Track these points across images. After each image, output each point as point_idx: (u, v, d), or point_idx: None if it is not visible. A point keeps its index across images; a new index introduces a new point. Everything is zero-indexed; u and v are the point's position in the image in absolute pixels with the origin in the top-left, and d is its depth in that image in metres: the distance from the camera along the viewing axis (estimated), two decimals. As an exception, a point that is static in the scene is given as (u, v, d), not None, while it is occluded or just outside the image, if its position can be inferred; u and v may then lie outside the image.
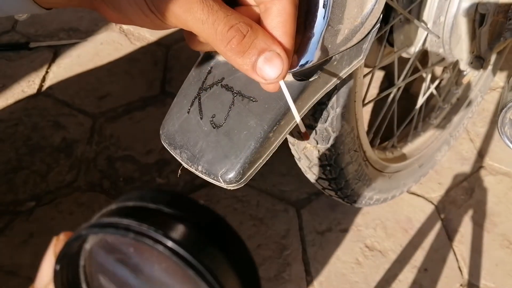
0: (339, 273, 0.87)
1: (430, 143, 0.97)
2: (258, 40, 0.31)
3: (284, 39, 0.32)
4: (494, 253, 0.91)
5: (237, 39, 0.30)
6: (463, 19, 0.75)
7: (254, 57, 0.31)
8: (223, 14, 0.30)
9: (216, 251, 0.15)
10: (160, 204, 0.17)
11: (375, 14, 0.43)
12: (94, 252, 0.19)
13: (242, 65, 0.31)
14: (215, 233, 0.16)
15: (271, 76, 0.31)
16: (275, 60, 0.31)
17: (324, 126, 0.61)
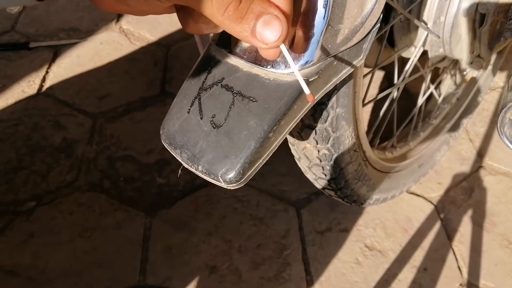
0: (339, 272, 0.87)
1: (430, 143, 0.98)
2: (254, 5, 0.30)
3: (281, 2, 0.32)
4: (493, 253, 0.91)
5: (233, 5, 0.30)
6: (463, 19, 0.75)
7: (252, 22, 0.30)
8: None
9: None
10: None
11: (375, 14, 0.43)
12: None
13: (241, 31, 0.31)
14: None
15: (271, 39, 0.31)
16: (274, 22, 0.30)
17: (324, 126, 0.61)
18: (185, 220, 0.95)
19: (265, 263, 0.88)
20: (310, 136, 0.64)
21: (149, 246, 0.90)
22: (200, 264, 0.87)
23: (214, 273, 0.86)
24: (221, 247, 0.90)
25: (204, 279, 0.85)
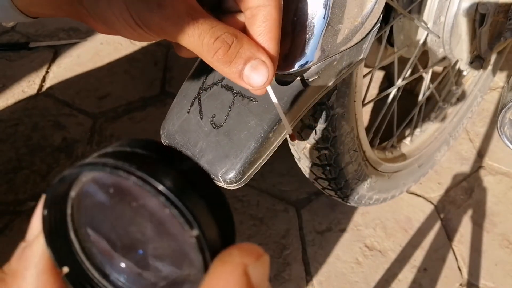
0: (339, 272, 0.87)
1: (429, 143, 0.98)
2: (243, 49, 0.32)
3: (269, 45, 0.33)
4: (493, 252, 0.91)
5: (223, 49, 0.31)
6: (463, 19, 0.75)
7: (240, 66, 0.32)
8: (208, 26, 0.31)
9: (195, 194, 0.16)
10: (136, 148, 0.17)
11: (375, 14, 0.43)
12: (80, 198, 0.19)
13: (229, 73, 0.32)
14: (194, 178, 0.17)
15: (258, 83, 0.32)
16: (261, 67, 0.32)
17: (324, 126, 0.61)
18: (185, 220, 0.95)
19: (265, 263, 0.88)
20: (310, 136, 0.64)
21: (149, 246, 0.90)
22: (200, 264, 0.87)
23: (214, 273, 0.86)
24: (221, 247, 0.90)
25: (204, 279, 0.85)
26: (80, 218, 0.20)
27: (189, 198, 0.16)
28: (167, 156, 0.17)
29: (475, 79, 1.02)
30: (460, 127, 1.05)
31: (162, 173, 0.16)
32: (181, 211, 0.16)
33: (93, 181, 0.18)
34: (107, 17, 0.31)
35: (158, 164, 0.17)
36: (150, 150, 0.17)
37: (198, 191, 0.17)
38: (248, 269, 0.15)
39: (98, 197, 0.19)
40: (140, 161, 0.16)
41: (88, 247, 0.20)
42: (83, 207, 0.19)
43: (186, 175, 0.17)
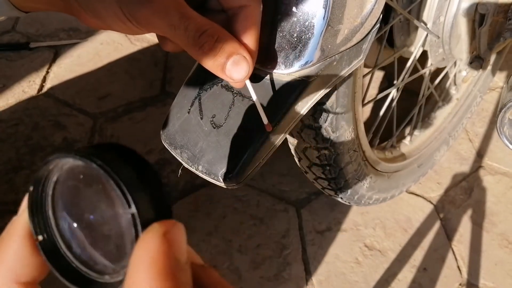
0: (338, 272, 0.87)
1: (429, 143, 0.98)
2: (226, 45, 0.34)
3: (249, 41, 0.36)
4: (493, 252, 0.91)
5: (208, 44, 0.33)
6: (462, 19, 0.75)
7: (223, 60, 0.34)
8: (195, 22, 0.33)
9: (139, 183, 0.21)
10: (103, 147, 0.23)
11: (375, 14, 0.43)
12: (59, 182, 0.24)
13: (213, 66, 0.35)
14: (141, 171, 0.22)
15: (238, 77, 0.35)
16: (242, 62, 0.35)
17: (324, 126, 0.61)
18: (185, 220, 0.95)
19: (265, 262, 0.88)
20: (310, 136, 0.64)
21: (149, 245, 0.90)
22: (200, 264, 0.88)
23: (214, 272, 0.86)
24: (221, 246, 0.90)
25: (204, 279, 0.86)
26: (57, 198, 0.25)
27: (132, 185, 0.21)
28: (124, 153, 0.23)
29: (474, 79, 1.02)
30: (459, 127, 1.05)
31: (116, 164, 0.21)
32: (123, 193, 0.21)
33: (69, 169, 0.24)
34: (98, 11, 0.32)
35: (115, 158, 0.22)
36: (112, 149, 0.23)
37: (142, 181, 0.22)
38: (167, 231, 0.20)
39: (72, 182, 0.24)
40: (103, 155, 0.22)
41: (60, 223, 0.25)
42: (60, 190, 0.24)
43: (135, 167, 0.22)
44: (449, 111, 1.02)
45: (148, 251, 0.20)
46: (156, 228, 0.20)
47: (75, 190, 0.24)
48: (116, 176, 0.21)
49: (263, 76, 0.42)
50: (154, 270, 0.19)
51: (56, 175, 0.24)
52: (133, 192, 0.21)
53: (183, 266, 0.20)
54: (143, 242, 0.20)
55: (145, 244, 0.20)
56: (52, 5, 0.34)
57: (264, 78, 0.42)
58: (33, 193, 0.24)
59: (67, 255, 0.25)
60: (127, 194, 0.21)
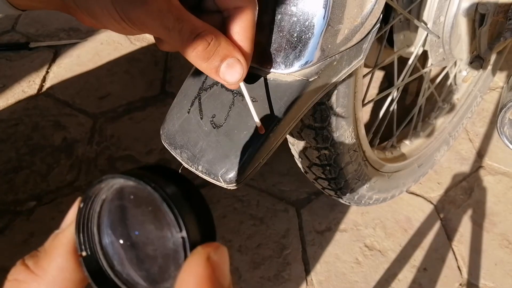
0: (339, 272, 0.87)
1: (429, 143, 0.98)
2: (221, 48, 0.34)
3: (244, 43, 0.36)
4: (493, 252, 0.91)
5: (202, 46, 0.33)
6: (463, 19, 0.75)
7: (217, 62, 0.34)
8: (189, 24, 0.33)
9: (187, 206, 0.22)
10: (151, 170, 0.24)
11: (375, 14, 0.43)
12: (108, 201, 0.25)
13: (206, 69, 0.35)
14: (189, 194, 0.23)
15: (232, 80, 0.35)
16: (236, 65, 0.35)
17: (324, 126, 0.61)
18: (185, 220, 0.95)
19: (265, 262, 0.88)
20: (310, 136, 0.64)
21: (149, 246, 0.90)
22: (200, 264, 0.87)
23: (214, 272, 0.86)
24: (221, 247, 0.90)
25: (204, 279, 0.85)
26: (103, 216, 0.25)
27: (182, 208, 0.22)
28: (171, 175, 0.24)
29: (474, 79, 1.02)
30: (460, 127, 1.05)
31: (168, 188, 0.22)
32: (175, 216, 0.21)
33: (119, 188, 0.24)
34: (94, 11, 0.32)
35: (164, 180, 0.23)
36: (161, 172, 0.24)
37: (190, 204, 0.22)
38: (210, 255, 0.21)
39: (121, 202, 0.25)
40: (153, 177, 0.22)
41: (104, 241, 0.25)
42: (107, 208, 0.25)
43: (183, 190, 0.23)
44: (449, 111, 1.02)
45: (194, 276, 0.20)
46: (200, 252, 0.21)
47: (122, 210, 0.25)
48: (169, 200, 0.21)
49: (263, 76, 0.41)
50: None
51: (104, 194, 0.25)
52: (183, 215, 0.21)
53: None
54: (189, 266, 0.20)
55: (190, 268, 0.20)
56: (49, 3, 0.34)
57: (264, 78, 0.41)
58: (83, 209, 0.25)
59: (109, 272, 0.25)
60: (179, 218, 0.21)
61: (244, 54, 0.35)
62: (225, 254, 0.22)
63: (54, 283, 0.24)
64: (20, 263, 0.25)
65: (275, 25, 0.40)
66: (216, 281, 0.20)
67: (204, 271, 0.20)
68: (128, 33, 0.35)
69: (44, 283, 0.24)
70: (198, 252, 0.21)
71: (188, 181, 0.24)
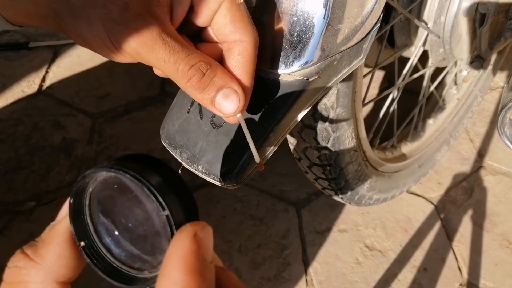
0: (339, 272, 0.87)
1: (430, 143, 0.97)
2: (217, 78, 0.33)
3: (244, 77, 0.35)
4: (493, 253, 0.91)
5: (197, 77, 0.32)
6: (463, 19, 0.75)
7: (213, 93, 0.33)
8: (184, 54, 0.32)
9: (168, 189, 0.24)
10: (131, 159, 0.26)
11: (375, 13, 0.43)
12: (95, 193, 0.27)
13: (202, 99, 0.34)
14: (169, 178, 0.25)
15: (228, 111, 0.34)
16: (232, 96, 0.33)
17: (324, 126, 0.61)
18: (185, 220, 0.94)
19: (265, 263, 0.88)
20: (310, 136, 0.63)
21: (149, 246, 0.90)
22: (200, 264, 0.87)
23: (214, 273, 0.86)
24: (221, 247, 0.90)
25: (204, 279, 0.85)
26: (93, 207, 0.28)
27: (163, 191, 0.24)
28: (151, 162, 0.26)
29: (475, 79, 1.02)
30: (460, 127, 1.05)
31: (147, 174, 0.24)
32: (157, 198, 0.24)
33: (103, 180, 0.26)
34: (86, 37, 0.32)
35: (144, 167, 0.25)
36: (140, 160, 0.26)
37: (170, 187, 0.25)
38: (197, 233, 0.23)
39: (107, 192, 0.27)
40: (133, 166, 0.24)
41: (99, 229, 0.28)
42: (96, 199, 0.27)
43: (163, 175, 0.25)
44: (450, 111, 1.01)
45: (180, 249, 0.22)
46: (188, 229, 0.23)
47: (110, 199, 0.27)
48: (149, 184, 0.24)
49: (263, 76, 0.41)
50: (184, 267, 0.21)
51: (91, 187, 0.27)
52: (164, 196, 0.24)
53: (209, 265, 0.23)
54: (176, 241, 0.22)
55: (177, 243, 0.22)
56: (45, 22, 0.34)
57: (264, 78, 0.41)
58: (73, 204, 0.27)
59: (108, 257, 0.28)
60: (160, 198, 0.24)
61: (243, 87, 0.34)
62: (210, 233, 0.23)
63: (52, 269, 0.26)
64: (19, 251, 0.27)
65: (275, 25, 0.40)
66: (201, 256, 0.22)
67: (190, 245, 0.22)
68: (120, 60, 0.34)
69: (43, 270, 0.26)
70: (186, 229, 0.23)
71: (167, 166, 0.26)
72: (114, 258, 0.28)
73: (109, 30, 0.31)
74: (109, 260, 0.28)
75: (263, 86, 0.41)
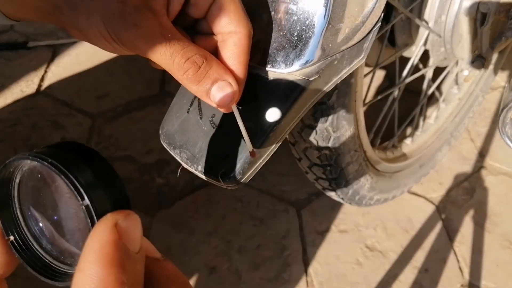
0: (339, 273, 0.87)
1: (431, 143, 0.97)
2: (212, 71, 0.34)
3: (237, 68, 0.36)
4: (494, 253, 0.90)
5: (192, 70, 0.33)
6: (464, 18, 0.75)
7: (208, 85, 0.34)
8: (180, 47, 0.33)
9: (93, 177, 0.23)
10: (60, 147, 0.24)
11: (376, 13, 0.42)
12: (21, 183, 0.26)
13: (197, 91, 0.35)
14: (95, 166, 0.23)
15: (223, 103, 0.35)
16: (227, 88, 0.34)
17: (324, 126, 0.61)
18: (184, 220, 0.94)
19: (265, 263, 0.88)
20: (310, 136, 0.63)
21: (149, 246, 0.90)
22: (200, 265, 0.87)
23: (214, 273, 0.86)
24: (221, 247, 0.90)
25: (203, 280, 0.85)
26: (22, 199, 0.26)
27: (85, 178, 0.22)
28: (77, 150, 0.24)
29: (476, 78, 1.01)
30: (461, 127, 1.05)
31: (68, 161, 0.23)
32: (75, 186, 0.22)
33: (29, 170, 0.25)
34: (86, 30, 0.33)
35: (68, 155, 0.23)
36: (66, 147, 0.24)
37: (95, 174, 0.23)
38: (118, 222, 0.21)
39: (34, 182, 0.25)
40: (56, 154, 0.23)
41: (29, 222, 0.26)
42: (24, 191, 0.26)
43: (88, 162, 0.23)
44: (451, 110, 1.01)
45: (98, 240, 0.20)
46: (108, 219, 0.21)
47: (37, 190, 0.26)
48: (67, 172, 0.22)
49: (263, 75, 0.41)
50: (102, 259, 0.20)
51: (18, 177, 0.26)
52: (85, 185, 0.22)
53: (133, 256, 0.21)
54: (94, 232, 0.21)
55: (95, 234, 0.21)
56: (43, 17, 0.34)
57: (264, 77, 0.41)
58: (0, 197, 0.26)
59: (39, 251, 0.26)
60: (79, 187, 0.22)
61: (237, 79, 0.35)
62: (135, 221, 0.22)
63: None
64: None
65: (275, 24, 0.39)
66: (122, 246, 0.20)
67: (109, 236, 0.20)
68: (118, 52, 0.35)
69: None
70: (106, 218, 0.21)
71: (95, 154, 0.24)
72: (45, 253, 0.26)
73: (107, 23, 0.32)
74: (40, 255, 0.26)
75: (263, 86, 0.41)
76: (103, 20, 0.32)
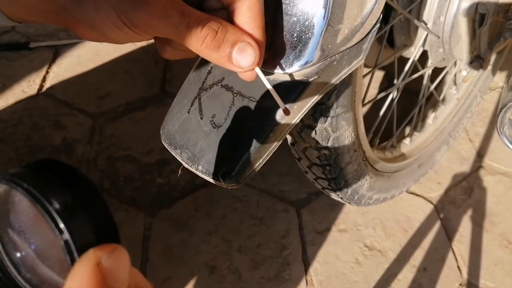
0: (339, 272, 0.87)
1: (429, 143, 0.98)
2: (229, 34, 0.34)
3: (255, 31, 0.35)
4: (493, 252, 0.91)
5: (210, 36, 0.33)
6: (463, 19, 0.75)
7: (228, 49, 0.34)
8: (194, 16, 0.33)
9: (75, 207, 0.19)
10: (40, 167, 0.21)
11: (375, 14, 0.43)
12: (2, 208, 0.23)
13: (219, 58, 0.34)
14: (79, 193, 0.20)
15: (246, 64, 0.34)
16: (248, 49, 0.34)
17: (324, 126, 0.61)
18: (185, 220, 0.95)
19: (265, 263, 0.88)
20: (310, 136, 0.64)
21: (149, 246, 0.90)
22: (200, 264, 0.87)
23: (214, 273, 0.86)
24: (221, 247, 0.90)
25: (204, 279, 0.86)
26: (1, 226, 0.23)
27: (67, 208, 0.18)
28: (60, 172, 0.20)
29: (474, 79, 1.02)
30: (459, 127, 1.05)
31: (48, 186, 0.18)
32: (53, 218, 0.19)
33: (5, 192, 0.22)
34: (95, 21, 0.32)
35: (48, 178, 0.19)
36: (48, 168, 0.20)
37: (79, 203, 0.19)
38: (101, 261, 0.18)
39: (9, 205, 0.22)
40: (34, 176, 0.19)
41: (8, 249, 0.24)
42: (2, 217, 0.23)
43: (72, 188, 0.19)
44: (449, 111, 1.02)
45: (79, 281, 0.18)
46: (90, 256, 0.19)
47: (15, 214, 0.23)
48: (43, 200, 0.19)
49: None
50: None
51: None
52: (64, 214, 0.19)
53: None
54: (74, 274, 0.19)
55: (75, 275, 0.19)
56: (46, 18, 0.33)
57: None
58: None
59: (18, 279, 0.24)
60: (57, 219, 0.19)
61: (256, 41, 0.35)
62: (122, 257, 0.19)
63: None
64: None
65: (274, 25, 0.40)
66: (105, 287, 0.19)
67: (90, 277, 0.18)
68: (131, 39, 0.34)
69: None
70: (87, 257, 0.19)
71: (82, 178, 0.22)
72: (25, 281, 0.24)
73: (117, 8, 0.31)
74: (19, 284, 0.24)
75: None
76: (112, 6, 0.31)
